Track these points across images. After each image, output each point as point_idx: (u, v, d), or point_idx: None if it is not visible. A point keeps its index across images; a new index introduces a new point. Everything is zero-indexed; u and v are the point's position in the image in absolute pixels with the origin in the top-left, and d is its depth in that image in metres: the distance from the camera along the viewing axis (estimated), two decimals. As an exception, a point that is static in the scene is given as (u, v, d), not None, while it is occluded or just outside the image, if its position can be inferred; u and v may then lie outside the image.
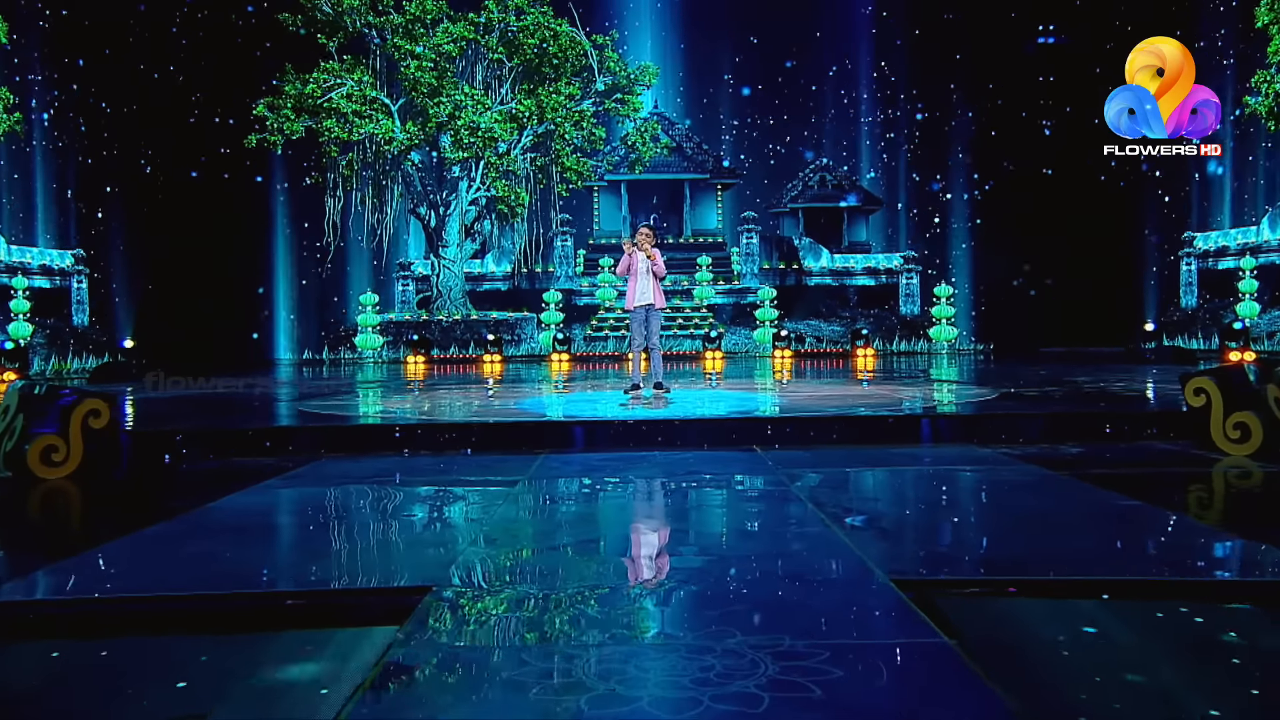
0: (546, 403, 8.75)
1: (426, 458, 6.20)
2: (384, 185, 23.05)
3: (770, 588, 2.96)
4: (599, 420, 6.95)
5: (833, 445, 6.49)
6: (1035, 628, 2.61)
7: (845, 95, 28.51)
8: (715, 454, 6.28)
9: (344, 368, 20.32)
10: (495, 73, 23.20)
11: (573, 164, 23.09)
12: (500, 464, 5.97)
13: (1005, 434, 6.51)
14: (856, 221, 27.19)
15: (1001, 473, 5.18)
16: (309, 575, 3.19)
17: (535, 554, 3.48)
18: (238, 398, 10.05)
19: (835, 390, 9.93)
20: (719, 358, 20.25)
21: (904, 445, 6.42)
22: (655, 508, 4.53)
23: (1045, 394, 8.69)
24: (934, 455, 5.98)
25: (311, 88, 21.43)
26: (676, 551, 3.54)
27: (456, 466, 5.86)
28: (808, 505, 4.21)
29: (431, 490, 4.94)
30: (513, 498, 4.61)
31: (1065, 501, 4.35)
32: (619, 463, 5.83)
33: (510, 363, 20.52)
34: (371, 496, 4.79)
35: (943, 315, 22.52)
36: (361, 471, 5.67)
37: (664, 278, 9.12)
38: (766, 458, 5.88)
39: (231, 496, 4.78)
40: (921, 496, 4.65)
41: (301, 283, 24.13)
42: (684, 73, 28.88)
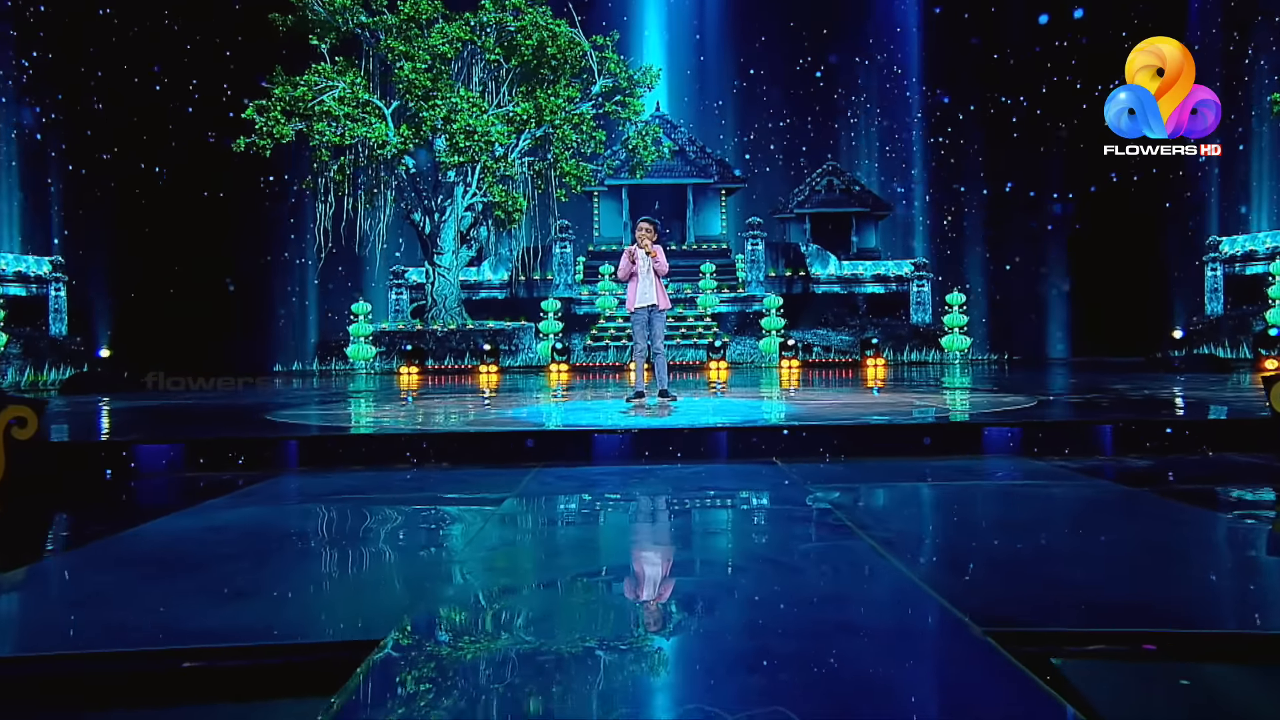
0: (542, 413, 8.03)
1: (403, 472, 5.47)
2: (377, 191, 22.63)
3: (828, 646, 2.23)
4: (598, 430, 6.21)
5: (864, 458, 5.76)
6: (1200, 706, 1.88)
7: (855, 98, 27.99)
8: (730, 467, 5.56)
9: (334, 379, 19.67)
10: (492, 74, 22.85)
11: (572, 168, 22.70)
12: (486, 479, 5.24)
13: (1060, 445, 5.78)
14: (865, 227, 26.72)
15: (1072, 489, 4.45)
16: (221, 625, 2.46)
17: (516, 595, 2.75)
18: (209, 408, 9.34)
19: (852, 399, 9.21)
20: (724, 368, 19.78)
21: (946, 457, 5.69)
22: (663, 534, 3.79)
23: (1090, 402, 7.95)
24: (983, 468, 5.24)
25: (302, 90, 20.97)
26: (696, 594, 2.81)
27: (435, 482, 5.13)
28: (853, 530, 3.48)
29: (400, 511, 4.21)
30: (496, 520, 3.88)
31: (1166, 525, 3.62)
32: (621, 478, 5.10)
33: (507, 373, 19.99)
34: (328, 519, 4.06)
35: (955, 324, 21.97)
36: (325, 488, 4.93)
37: (666, 275, 8.44)
38: (790, 472, 5.15)
39: (164, 519, 4.06)
40: (987, 519, 3.90)
41: (291, 291, 23.46)
42: (687, 76, 28.37)
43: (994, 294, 24.40)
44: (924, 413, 7.33)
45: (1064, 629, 2.34)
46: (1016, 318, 23.50)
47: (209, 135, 21.23)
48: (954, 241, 25.26)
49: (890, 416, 7.03)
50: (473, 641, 2.32)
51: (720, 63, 28.50)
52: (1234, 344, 17.84)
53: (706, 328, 23.50)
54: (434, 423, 7.25)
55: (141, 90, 20.96)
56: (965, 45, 24.21)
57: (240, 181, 22.24)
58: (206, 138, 21.32)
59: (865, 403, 8.63)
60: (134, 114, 20.68)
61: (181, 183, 21.52)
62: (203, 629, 2.42)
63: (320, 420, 7.27)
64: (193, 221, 20.82)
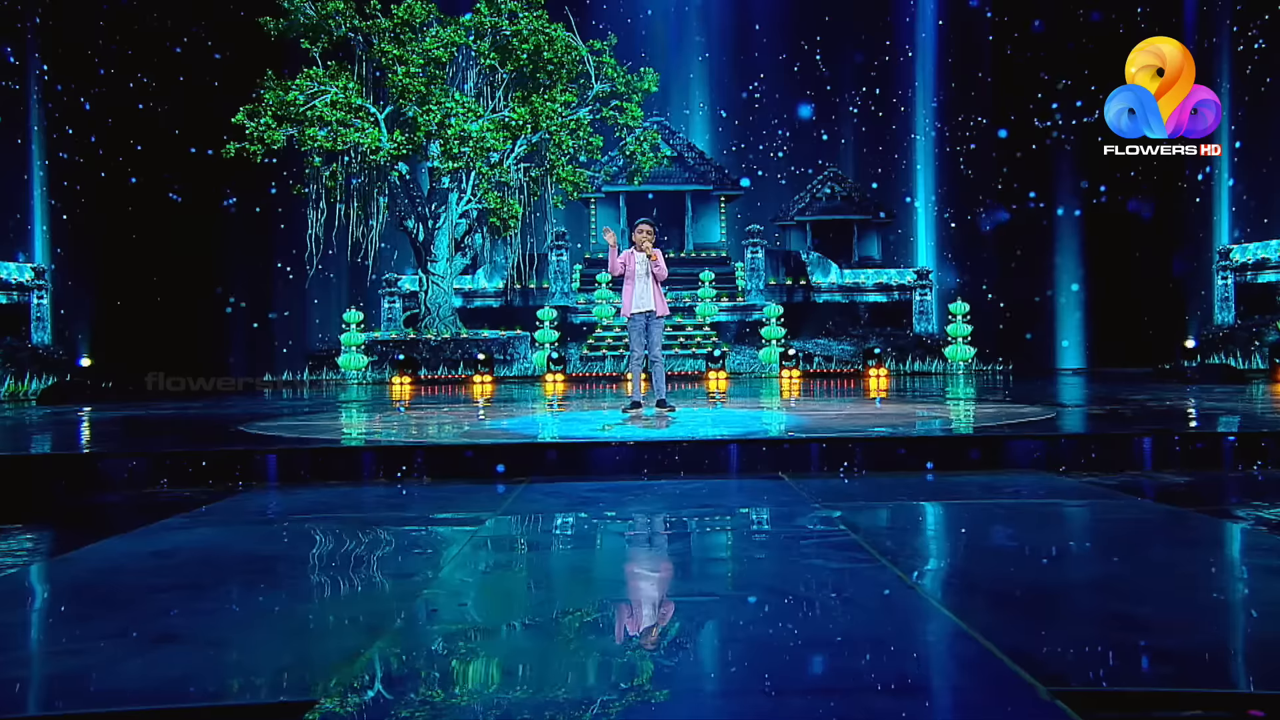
0: (535, 423, 7.63)
1: (380, 487, 5.07)
2: (370, 197, 22.08)
3: (864, 712, 1.82)
4: (591, 442, 5.82)
5: (877, 472, 5.38)
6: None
7: (855, 104, 27.64)
8: (733, 483, 5.17)
9: (325, 389, 19.22)
10: (487, 79, 22.31)
11: (568, 175, 22.16)
12: (468, 496, 4.85)
13: (1087, 459, 5.39)
14: (867, 235, 26.36)
15: (1112, 509, 4.05)
16: (133, 682, 2.06)
17: (482, 642, 2.35)
18: (187, 419, 8.93)
19: (858, 410, 8.81)
20: (723, 378, 19.28)
21: (965, 472, 5.29)
22: (660, 563, 3.39)
23: (1112, 413, 7.56)
24: (1007, 485, 4.84)
25: (294, 95, 20.47)
26: (699, 641, 2.41)
27: (412, 499, 4.73)
28: (876, 558, 3.08)
29: (367, 534, 3.80)
30: (471, 546, 3.48)
31: (1236, 552, 3.22)
32: (615, 494, 4.71)
33: (502, 383, 19.51)
34: (285, 543, 3.66)
35: (959, 333, 21.53)
36: (290, 507, 4.53)
37: (665, 280, 8.06)
38: (800, 488, 4.76)
39: (105, 543, 3.66)
40: (1026, 545, 3.50)
41: (282, 300, 23.04)
42: (686, 81, 28.07)
43: (997, 303, 24.01)
44: (937, 425, 6.94)
45: (1147, 689, 1.94)
46: (1020, 327, 23.10)
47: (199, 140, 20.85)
48: (958, 249, 24.88)
49: (901, 428, 6.63)
50: (423, 703, 1.91)
51: (720, 67, 28.24)
52: (1246, 354, 17.49)
53: (705, 337, 23.10)
54: (419, 434, 6.85)
55: (131, 92, 20.60)
56: (969, 48, 23.93)
57: (230, 188, 21.87)
58: (196, 143, 20.94)
59: (872, 414, 8.23)
60: (121, 117, 20.29)
61: (170, 189, 21.13)
62: (109, 689, 2.02)
63: (298, 432, 6.86)
64: (180, 227, 20.42)
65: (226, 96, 20.86)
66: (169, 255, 19.81)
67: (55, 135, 19.37)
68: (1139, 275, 22.03)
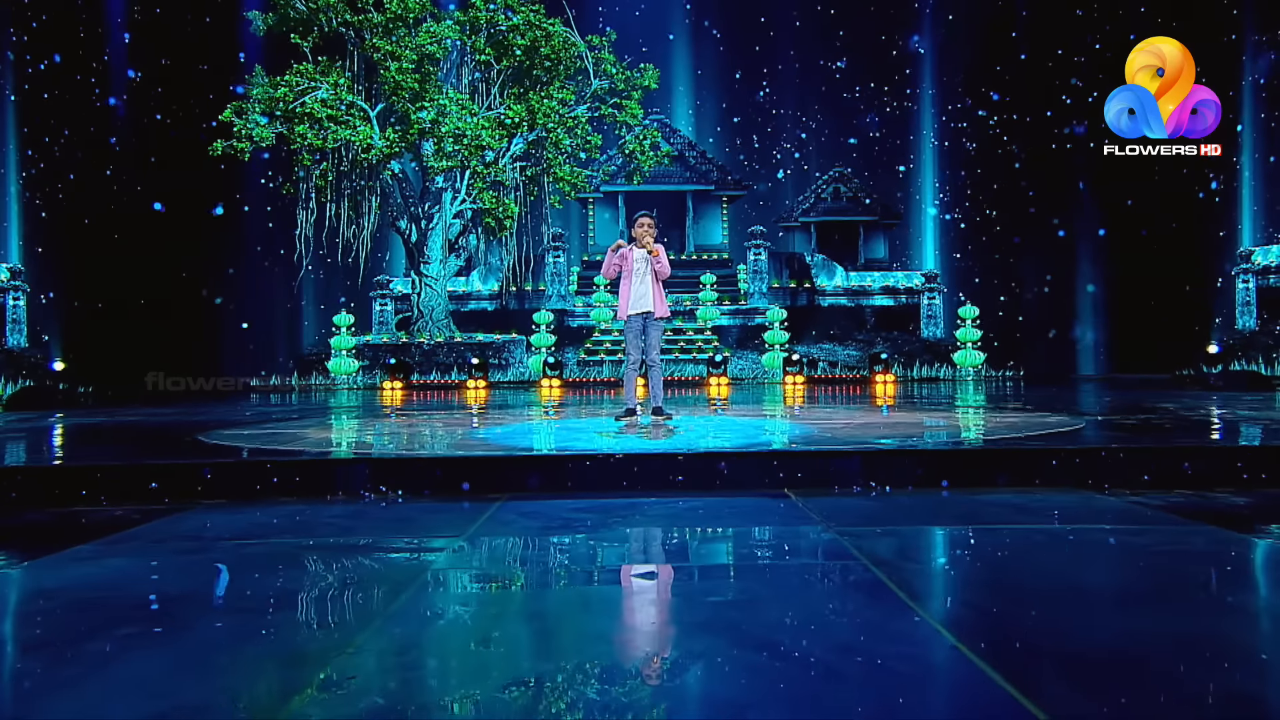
0: (523, 432, 7.11)
1: (339, 506, 4.54)
2: (361, 197, 21.79)
3: None
4: (577, 455, 5.28)
5: (895, 490, 4.85)
6: None
7: (862, 102, 27.16)
8: (735, 500, 4.63)
9: (314, 394, 18.78)
10: (483, 76, 22.10)
11: (566, 174, 22.00)
12: (436, 516, 4.32)
13: (1128, 476, 4.84)
14: (874, 237, 26.00)
15: (1180, 539, 3.51)
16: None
17: (431, 712, 1.81)
18: (149, 426, 8.39)
19: (868, 419, 8.28)
20: (724, 384, 19.03)
21: (992, 490, 4.75)
22: (646, 610, 2.84)
23: (1146, 424, 7.01)
24: (1047, 506, 4.30)
25: (283, 91, 20.18)
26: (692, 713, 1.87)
27: (371, 520, 4.20)
28: (910, 607, 2.54)
29: (305, 567, 3.27)
30: (422, 584, 2.95)
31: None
32: (599, 515, 4.17)
33: (496, 389, 19.12)
34: (199, 580, 3.12)
35: (968, 339, 21.19)
36: (228, 530, 3.99)
37: (667, 277, 7.54)
38: (808, 508, 4.23)
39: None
40: (1088, 588, 2.94)
41: (270, 302, 22.61)
42: (687, 77, 27.63)
43: (1008, 307, 23.48)
44: (955, 436, 6.39)
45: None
46: (1032, 332, 22.59)
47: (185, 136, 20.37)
48: (967, 252, 24.38)
49: (916, 439, 6.09)
50: None
51: (724, 63, 27.82)
52: (1269, 360, 16.92)
53: (706, 341, 22.73)
54: (397, 445, 6.32)
55: (113, 86, 20.12)
56: (978, 48, 23.42)
57: (217, 187, 21.40)
58: (182, 140, 20.47)
59: (883, 423, 7.70)
60: (105, 112, 19.82)
61: (155, 188, 20.63)
62: None
63: (264, 442, 6.34)
64: (164, 226, 19.93)
65: (214, 92, 20.46)
66: (152, 255, 19.29)
67: (27, 130, 18.86)
68: (1156, 279, 21.49)
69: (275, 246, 21.97)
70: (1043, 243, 22.50)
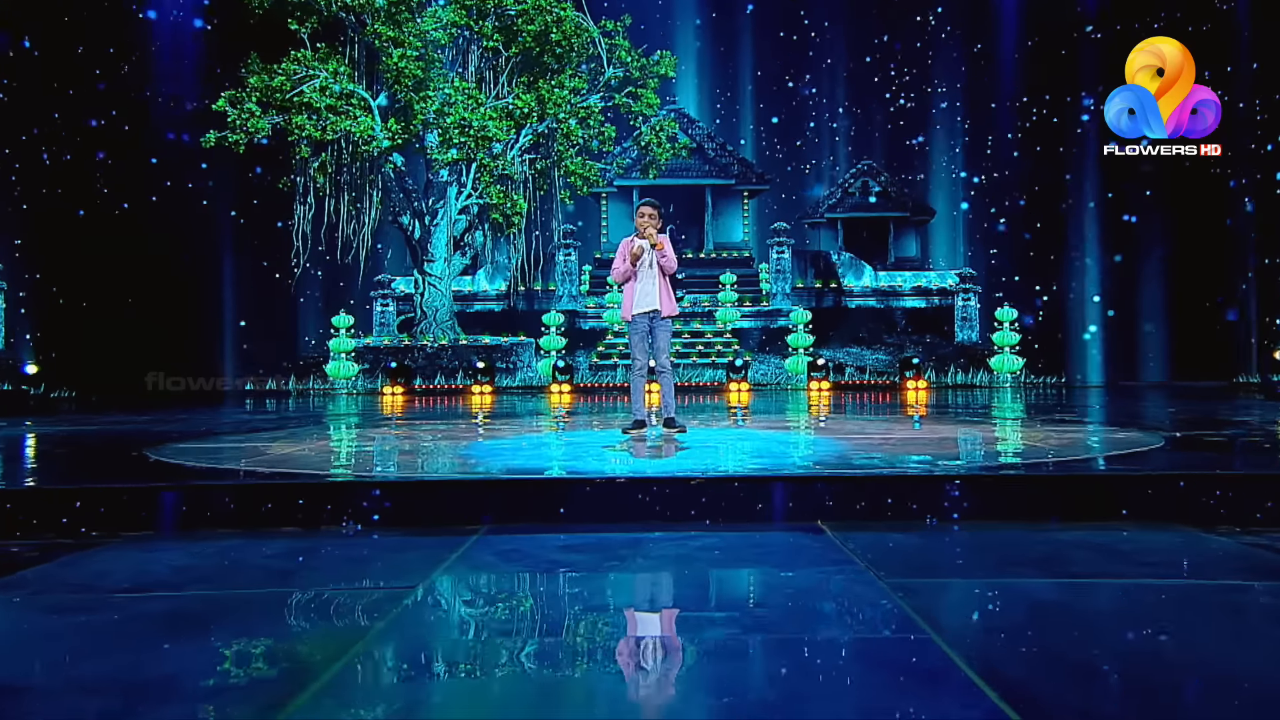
0: (519, 447, 6.48)
1: (283, 541, 3.91)
2: (362, 191, 21.38)
3: None
4: (573, 478, 4.64)
5: (949, 522, 4.17)
6: None
7: (892, 90, 26.43)
8: (760, 536, 3.97)
9: (311, 399, 18.29)
10: (490, 63, 21.60)
11: (577, 167, 21.57)
12: (397, 555, 3.69)
13: (1239, 510, 4.13)
14: (905, 234, 25.46)
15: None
16: None
17: None
18: (108, 436, 7.81)
19: (907, 433, 7.59)
20: (745, 390, 18.51)
21: (1070, 525, 4.06)
22: (641, 702, 2.17)
23: (1239, 442, 6.26)
24: (1142, 549, 3.59)
25: (280, 80, 19.77)
26: None
27: (320, 560, 3.57)
28: (1000, 708, 1.86)
29: (209, 634, 2.63)
30: (358, 657, 2.30)
31: None
32: (594, 556, 3.52)
33: (503, 394, 18.63)
34: (86, 638, 2.48)
35: (1006, 343, 20.55)
36: (138, 572, 3.36)
37: (674, 272, 6.90)
38: (848, 548, 3.56)
39: None
40: (1250, 681, 2.24)
41: (265, 303, 22.18)
42: (707, 66, 27.09)
43: (1049, 309, 22.70)
44: (1013, 454, 5.68)
45: None
46: (1074, 336, 21.83)
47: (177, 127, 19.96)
48: (1004, 251, 23.64)
49: (968, 459, 5.39)
50: None
51: (746, 50, 27.22)
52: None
53: (726, 345, 22.24)
54: (376, 461, 5.68)
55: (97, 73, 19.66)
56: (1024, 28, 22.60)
57: (209, 179, 20.97)
58: (173, 131, 20.06)
59: (923, 438, 7.01)
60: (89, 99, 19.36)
61: (143, 180, 20.20)
62: None
63: (225, 459, 5.73)
64: (153, 222, 19.45)
65: (207, 81, 20.03)
66: (142, 251, 18.83)
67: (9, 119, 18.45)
68: (1209, 280, 20.67)
69: (272, 243, 21.52)
70: (1088, 241, 21.71)
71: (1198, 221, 20.25)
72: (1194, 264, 20.47)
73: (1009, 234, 23.57)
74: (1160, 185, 19.80)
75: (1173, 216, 20.64)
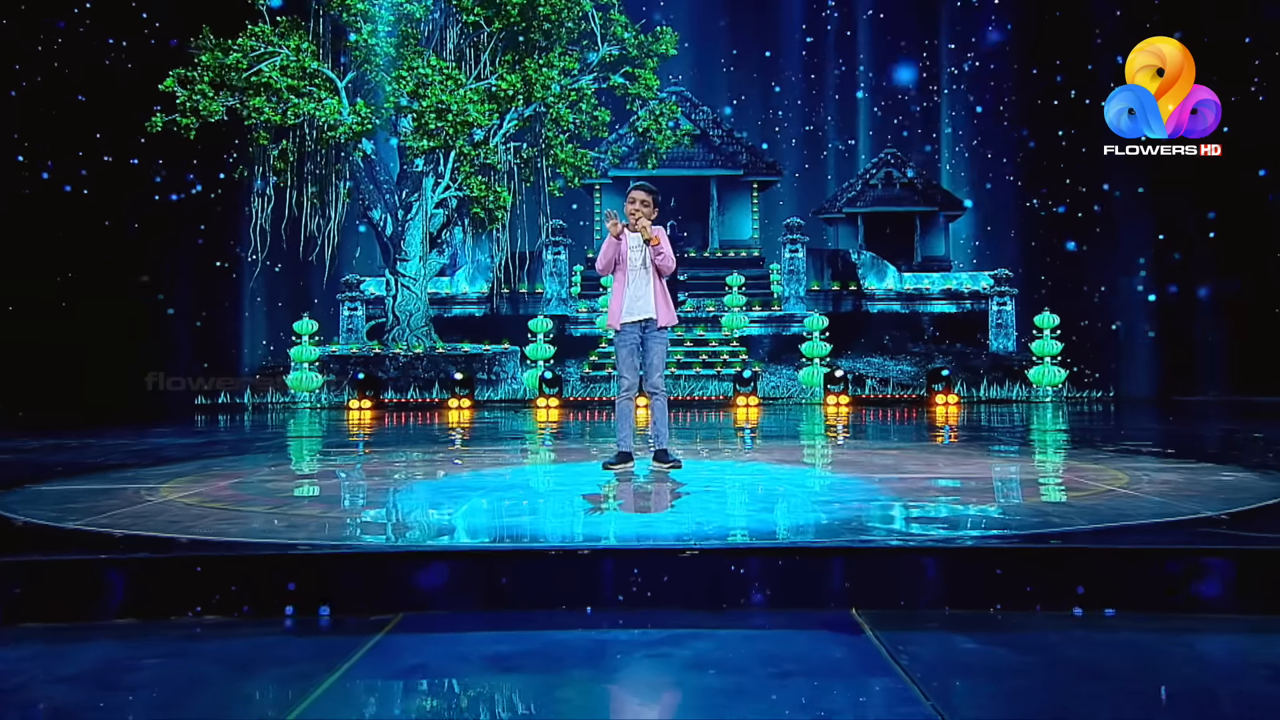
0: (475, 487, 5.61)
1: (105, 643, 3.00)
2: (327, 182, 21.20)
3: None
4: (518, 552, 3.72)
5: (1021, 609, 3.29)
6: None
7: (918, 70, 26.02)
8: (774, 637, 3.10)
9: (269, 414, 17.66)
10: (470, 40, 21.24)
11: (568, 156, 21.45)
12: (256, 672, 2.79)
13: None
14: (933, 230, 25.19)
15: None
16: None
17: None
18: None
19: (953, 465, 6.68)
20: (754, 406, 18.01)
21: (1208, 621, 3.13)
22: None
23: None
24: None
25: (235, 57, 19.48)
26: None
27: (141, 677, 2.68)
28: None
29: None
30: None
31: None
32: (541, 671, 2.64)
33: (483, 408, 18.11)
34: None
35: (1046, 352, 20.07)
36: None
37: (671, 272, 6.06)
38: (899, 661, 2.68)
39: None
40: None
41: (218, 307, 21.84)
42: (712, 44, 26.86)
43: (1091, 315, 22.00)
44: (1093, 509, 4.70)
45: None
46: (1118, 346, 21.18)
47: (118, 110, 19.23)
48: (1045, 249, 23.08)
49: (1057, 516, 4.42)
50: None
51: (755, 26, 26.97)
52: None
53: (733, 354, 21.87)
54: (276, 515, 4.73)
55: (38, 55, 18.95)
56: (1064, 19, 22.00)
57: (155, 169, 20.31)
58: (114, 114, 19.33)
59: (982, 476, 6.09)
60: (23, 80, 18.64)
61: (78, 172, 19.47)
62: None
63: (75, 512, 4.81)
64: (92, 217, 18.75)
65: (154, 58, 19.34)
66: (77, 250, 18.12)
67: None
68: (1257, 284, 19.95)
69: (227, 240, 21.05)
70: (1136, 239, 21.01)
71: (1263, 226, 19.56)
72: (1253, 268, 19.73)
73: (1050, 232, 22.95)
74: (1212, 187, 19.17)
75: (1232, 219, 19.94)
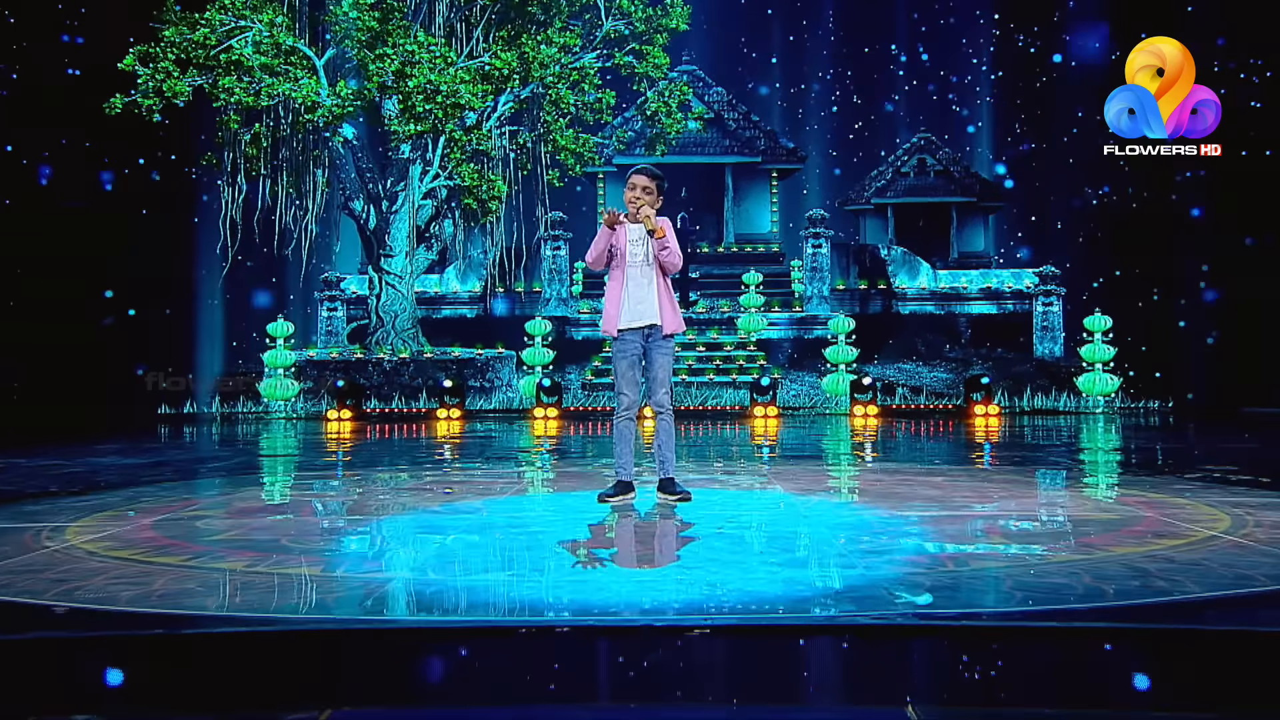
0: (444, 526, 5.11)
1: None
2: (304, 170, 20.89)
3: None
4: (483, 629, 3.19)
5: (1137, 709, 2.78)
6: None
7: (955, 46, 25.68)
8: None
9: (239, 425, 17.45)
10: (462, 14, 21.02)
11: (568, 142, 21.16)
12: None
13: None
14: (971, 223, 25.08)
15: None
16: None
17: None
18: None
19: (1014, 498, 6.13)
20: (773, 416, 17.67)
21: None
22: None
23: None
24: None
25: (203, 32, 19.10)
26: None
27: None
28: None
29: None
30: None
31: None
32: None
33: (474, 419, 17.86)
34: None
35: (1098, 358, 19.51)
36: None
37: (677, 269, 5.59)
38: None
39: None
40: None
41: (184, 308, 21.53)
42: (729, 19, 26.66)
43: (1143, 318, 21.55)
44: (1226, 561, 4.13)
45: None
46: (1180, 350, 20.61)
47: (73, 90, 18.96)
48: (1096, 244, 22.69)
49: (1162, 579, 3.85)
50: None
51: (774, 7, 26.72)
52: None
53: (750, 360, 21.60)
54: (193, 570, 4.20)
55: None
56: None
57: (112, 155, 20.04)
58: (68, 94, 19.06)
59: (1053, 518, 5.53)
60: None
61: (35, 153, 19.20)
62: None
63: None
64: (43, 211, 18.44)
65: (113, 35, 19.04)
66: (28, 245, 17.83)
67: None
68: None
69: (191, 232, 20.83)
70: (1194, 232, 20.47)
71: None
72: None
73: (1098, 227, 22.52)
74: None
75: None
